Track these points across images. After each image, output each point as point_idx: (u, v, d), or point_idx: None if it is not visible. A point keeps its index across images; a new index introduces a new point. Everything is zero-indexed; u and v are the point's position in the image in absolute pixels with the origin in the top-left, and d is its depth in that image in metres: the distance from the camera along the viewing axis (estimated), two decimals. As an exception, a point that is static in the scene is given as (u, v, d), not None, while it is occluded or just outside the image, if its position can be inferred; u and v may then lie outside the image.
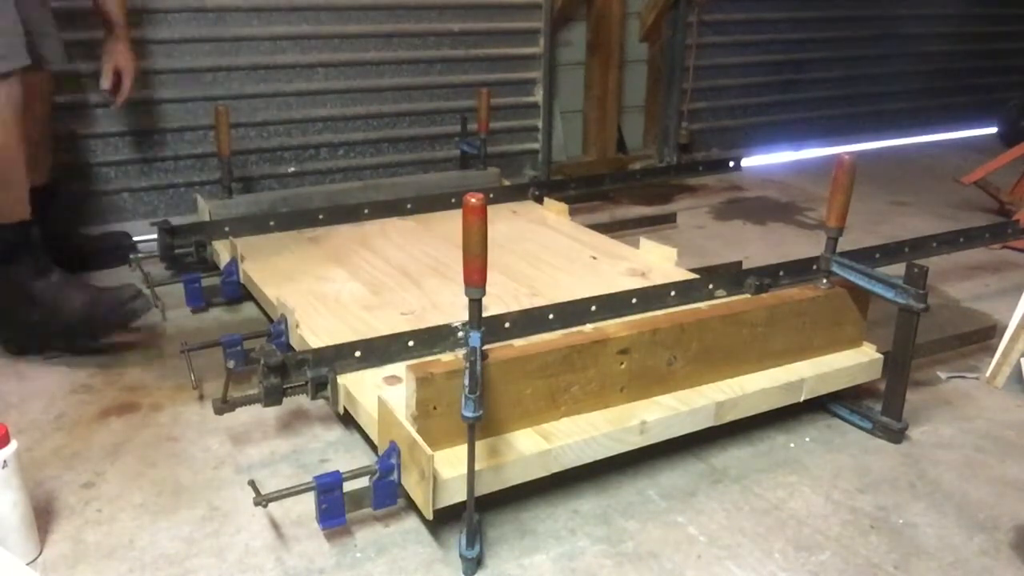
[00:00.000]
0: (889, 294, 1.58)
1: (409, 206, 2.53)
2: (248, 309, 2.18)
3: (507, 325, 1.69)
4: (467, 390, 1.18)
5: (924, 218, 3.11)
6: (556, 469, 1.38)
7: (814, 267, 1.74)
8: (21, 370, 1.86)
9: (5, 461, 1.22)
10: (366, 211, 2.47)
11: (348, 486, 1.29)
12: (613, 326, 1.51)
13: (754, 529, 1.38)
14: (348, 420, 1.59)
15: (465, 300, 1.21)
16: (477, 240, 1.17)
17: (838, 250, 1.66)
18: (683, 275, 2.03)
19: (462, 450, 1.26)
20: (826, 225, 1.64)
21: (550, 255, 2.20)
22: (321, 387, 1.53)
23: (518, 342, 1.50)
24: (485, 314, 1.29)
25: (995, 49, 4.60)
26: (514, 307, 1.79)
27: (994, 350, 1.89)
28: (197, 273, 2.15)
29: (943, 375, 1.91)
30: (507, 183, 2.84)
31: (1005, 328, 1.88)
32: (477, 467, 1.24)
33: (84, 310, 1.88)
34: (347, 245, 2.26)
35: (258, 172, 2.86)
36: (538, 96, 3.28)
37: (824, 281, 1.68)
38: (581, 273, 2.08)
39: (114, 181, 2.63)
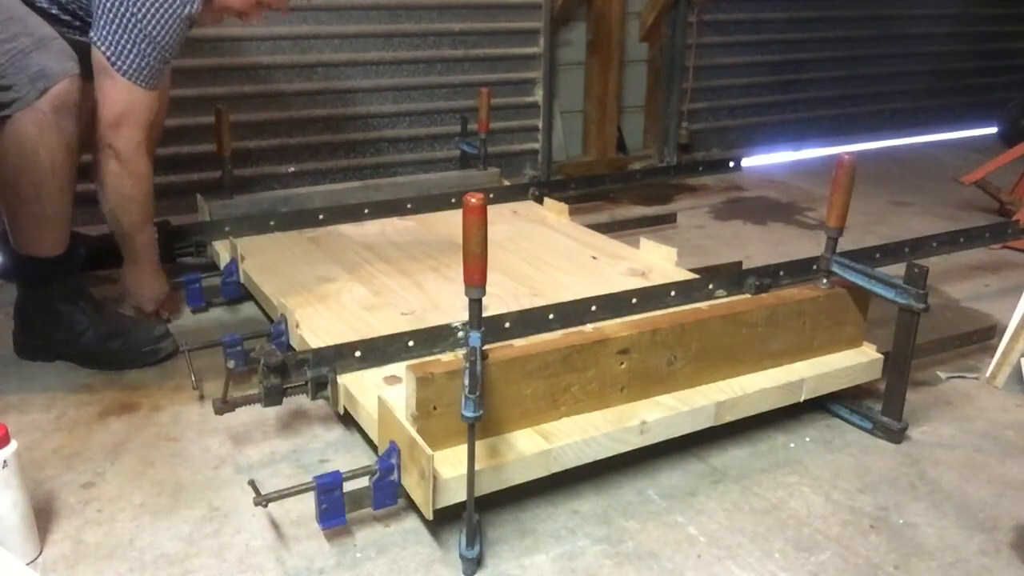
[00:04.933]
0: (889, 294, 1.58)
1: (409, 206, 2.53)
2: (248, 309, 2.18)
3: (507, 325, 1.69)
4: (467, 390, 1.18)
5: (924, 218, 3.11)
6: (556, 469, 1.38)
7: (814, 267, 1.74)
8: (21, 370, 1.86)
9: (5, 461, 1.22)
10: (366, 211, 2.47)
11: (348, 486, 1.29)
12: (613, 326, 1.51)
13: (754, 529, 1.38)
14: (348, 420, 1.59)
15: (465, 300, 1.21)
16: (477, 240, 1.17)
17: (838, 250, 1.66)
18: (683, 275, 2.03)
19: (462, 450, 1.26)
20: (826, 225, 1.64)
21: (550, 255, 2.20)
22: (321, 387, 1.53)
23: (518, 342, 1.49)
24: (485, 314, 1.29)
25: (995, 49, 4.61)
26: (514, 307, 1.79)
27: (994, 350, 1.89)
28: (197, 273, 2.15)
29: (943, 375, 1.91)
30: (507, 183, 2.84)
31: (1005, 328, 1.88)
32: (477, 467, 1.24)
33: (107, 341, 1.84)
34: (347, 245, 2.26)
35: (258, 172, 2.87)
36: (538, 96, 3.28)
37: (824, 281, 1.68)
38: (581, 273, 2.08)
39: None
